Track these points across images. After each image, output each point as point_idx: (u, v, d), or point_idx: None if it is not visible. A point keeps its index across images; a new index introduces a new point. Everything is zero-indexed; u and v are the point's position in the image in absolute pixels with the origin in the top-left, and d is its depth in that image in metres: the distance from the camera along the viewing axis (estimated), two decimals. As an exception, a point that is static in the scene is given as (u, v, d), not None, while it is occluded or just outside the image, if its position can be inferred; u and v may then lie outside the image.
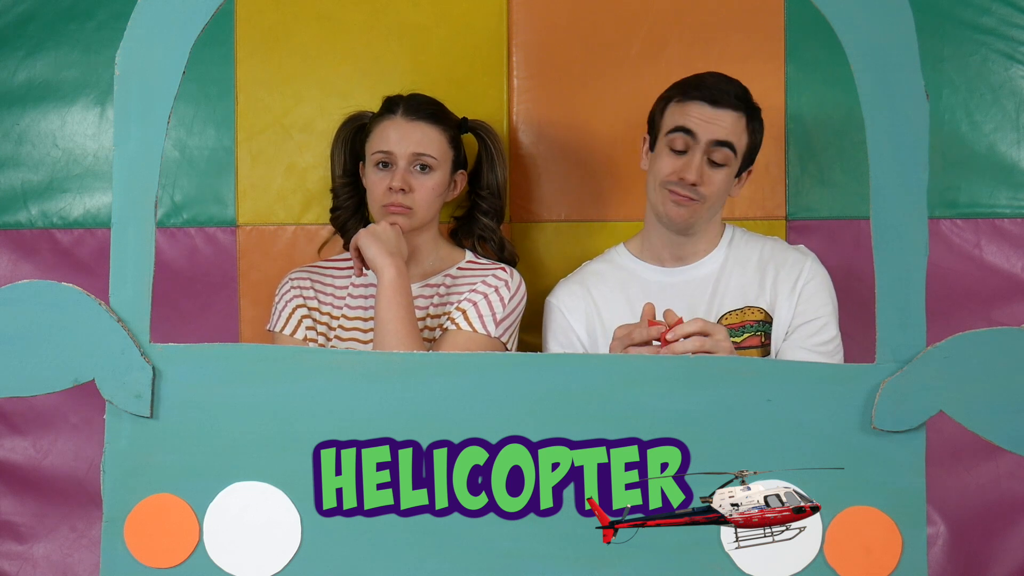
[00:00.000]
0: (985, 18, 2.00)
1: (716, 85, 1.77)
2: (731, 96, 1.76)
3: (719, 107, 1.75)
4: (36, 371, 1.28)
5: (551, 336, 1.87)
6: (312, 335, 1.85)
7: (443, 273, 1.88)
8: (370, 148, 1.85)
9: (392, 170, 1.82)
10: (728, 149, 1.75)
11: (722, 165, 1.76)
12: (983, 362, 1.25)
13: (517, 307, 1.83)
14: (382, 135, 1.83)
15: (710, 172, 1.75)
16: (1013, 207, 2.02)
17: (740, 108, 1.77)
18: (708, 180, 1.75)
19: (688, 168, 1.74)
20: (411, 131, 1.83)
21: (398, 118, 1.84)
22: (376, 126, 1.86)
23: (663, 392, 1.29)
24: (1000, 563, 2.01)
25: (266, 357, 1.32)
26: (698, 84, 1.78)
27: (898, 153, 1.25)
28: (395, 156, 1.82)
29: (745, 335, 1.78)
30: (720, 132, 1.75)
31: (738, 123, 1.76)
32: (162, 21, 1.29)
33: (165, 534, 1.30)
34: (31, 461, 2.10)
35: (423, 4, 2.07)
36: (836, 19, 1.25)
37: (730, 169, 1.77)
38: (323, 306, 1.87)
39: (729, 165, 1.77)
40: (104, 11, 2.07)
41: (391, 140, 1.82)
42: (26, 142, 2.10)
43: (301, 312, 1.86)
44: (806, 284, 1.79)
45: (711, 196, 1.77)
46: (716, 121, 1.75)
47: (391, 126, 1.84)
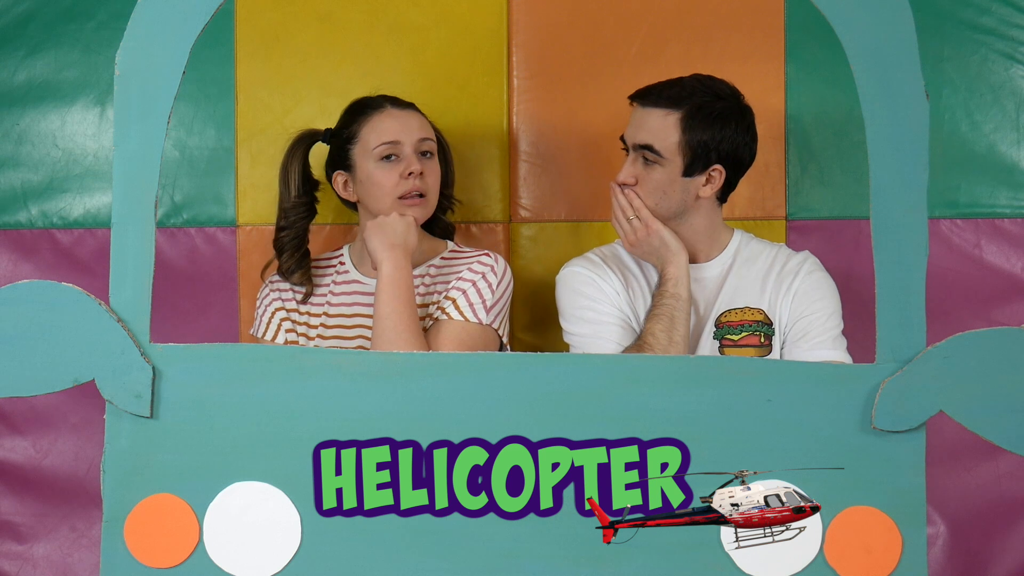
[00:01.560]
0: (985, 18, 2.00)
1: (655, 86, 1.78)
2: (659, 95, 1.76)
3: (646, 106, 1.77)
4: (36, 371, 1.28)
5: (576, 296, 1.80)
6: (292, 338, 1.85)
7: (427, 263, 1.87)
8: (367, 145, 1.82)
9: (401, 159, 1.81)
10: (651, 152, 1.75)
11: (654, 163, 1.77)
12: (983, 362, 1.25)
13: (505, 292, 1.83)
14: (380, 128, 1.82)
15: (643, 172, 1.77)
16: (1013, 207, 2.02)
17: (665, 105, 1.75)
18: (642, 178, 1.77)
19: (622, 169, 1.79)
20: (408, 119, 1.83)
21: (390, 109, 1.84)
22: (364, 125, 1.83)
23: (663, 392, 1.29)
24: (1000, 563, 2.01)
25: (266, 357, 1.32)
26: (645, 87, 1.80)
27: (898, 153, 1.25)
28: (402, 145, 1.81)
29: (744, 334, 1.78)
30: (640, 134, 1.76)
31: (664, 121, 1.75)
32: (162, 21, 1.29)
33: (165, 534, 1.31)
34: (31, 461, 2.10)
35: (423, 4, 2.07)
36: (836, 19, 1.25)
37: (666, 168, 1.76)
38: (301, 306, 1.87)
39: (661, 164, 1.76)
40: (104, 11, 2.07)
41: (395, 129, 1.82)
42: (26, 142, 2.10)
43: (280, 316, 1.86)
44: (802, 282, 1.79)
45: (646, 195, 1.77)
46: (640, 122, 1.76)
47: (388, 117, 1.83)
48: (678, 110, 1.75)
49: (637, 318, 1.79)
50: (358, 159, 1.84)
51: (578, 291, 1.80)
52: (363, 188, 1.84)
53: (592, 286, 1.80)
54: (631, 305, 1.80)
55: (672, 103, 1.75)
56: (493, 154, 2.08)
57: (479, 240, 2.07)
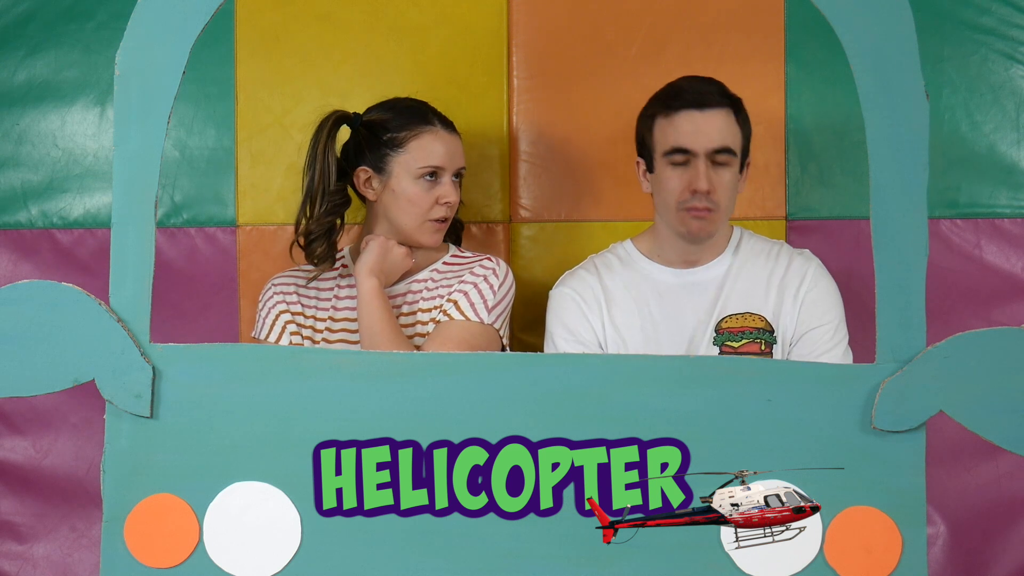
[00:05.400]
0: (985, 18, 2.00)
1: (697, 88, 1.76)
2: (715, 95, 1.75)
3: (707, 109, 1.73)
4: (36, 371, 1.28)
5: (558, 324, 1.83)
6: (297, 340, 1.84)
7: (430, 268, 1.88)
8: (413, 161, 1.80)
9: (439, 184, 1.82)
10: (727, 153, 1.74)
11: (725, 165, 1.75)
12: (983, 362, 1.24)
13: (507, 294, 1.83)
14: (430, 150, 1.81)
15: (717, 177, 1.74)
16: (1013, 207, 2.02)
17: (726, 104, 1.75)
18: (719, 185, 1.74)
19: (697, 179, 1.72)
20: (454, 145, 1.85)
21: (441, 132, 1.84)
22: (414, 139, 1.81)
23: (663, 392, 1.29)
24: (1000, 563, 2.02)
25: (266, 357, 1.33)
26: (678, 93, 1.76)
27: (898, 153, 1.25)
28: (445, 171, 1.83)
29: (744, 341, 1.77)
30: (715, 138, 1.73)
31: (728, 120, 1.75)
32: (162, 21, 1.29)
33: (165, 534, 1.31)
34: (31, 461, 2.10)
35: (423, 4, 2.07)
36: (836, 19, 1.25)
37: (734, 168, 1.76)
38: (307, 309, 1.87)
39: (731, 165, 1.76)
40: (104, 11, 2.07)
41: (442, 156, 1.82)
42: (26, 142, 2.10)
43: (285, 318, 1.85)
44: (808, 292, 1.78)
45: (723, 200, 1.75)
46: (707, 127, 1.73)
47: (439, 141, 1.83)
48: (731, 107, 1.76)
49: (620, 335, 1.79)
50: (396, 168, 1.82)
51: (561, 320, 1.82)
52: (392, 197, 1.83)
53: (575, 313, 1.81)
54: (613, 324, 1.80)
55: (727, 101, 1.76)
56: (493, 154, 2.08)
57: (479, 240, 2.07)
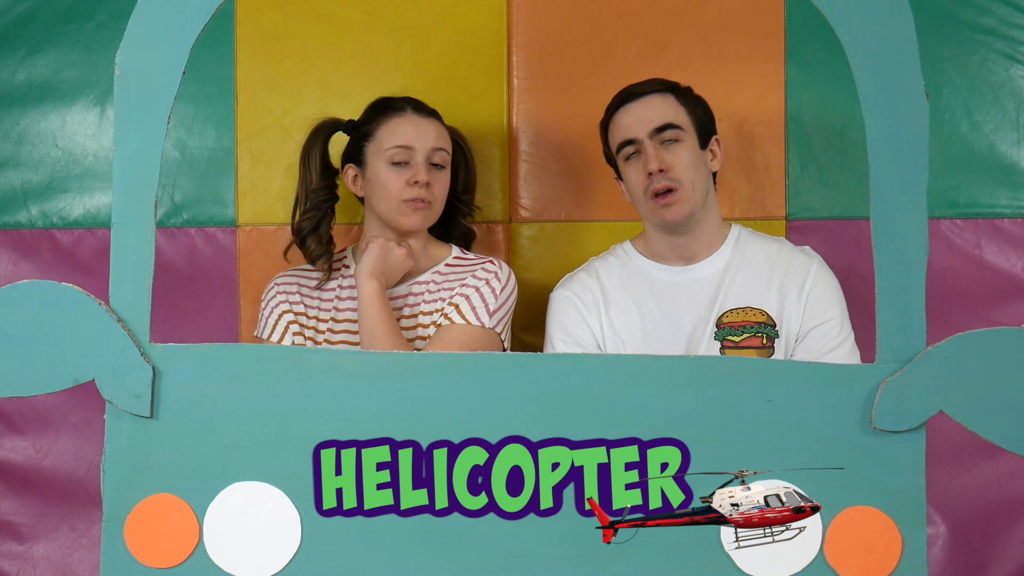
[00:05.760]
0: (985, 18, 2.00)
1: (632, 88, 1.81)
2: (649, 84, 1.79)
3: (641, 97, 1.78)
4: (36, 371, 1.28)
5: (556, 327, 1.84)
6: (300, 340, 1.84)
7: (432, 270, 1.88)
8: (381, 146, 1.83)
9: (410, 166, 1.82)
10: (672, 129, 1.76)
11: (676, 141, 1.77)
12: (983, 362, 1.24)
13: (509, 298, 1.83)
14: (396, 131, 1.83)
15: (670, 155, 1.76)
16: (1013, 207, 2.02)
17: (661, 88, 1.79)
18: (674, 162, 1.75)
19: (648, 162, 1.76)
20: (426, 127, 1.84)
21: (410, 114, 1.84)
22: (382, 125, 1.84)
23: (663, 392, 1.29)
24: (1000, 563, 2.01)
25: (266, 357, 1.32)
26: (617, 97, 1.82)
27: (898, 153, 1.25)
28: (414, 152, 1.82)
29: (744, 335, 1.78)
30: (654, 118, 1.77)
31: (665, 101, 1.78)
32: (162, 21, 1.29)
33: (165, 534, 1.30)
34: (31, 461, 2.10)
35: (423, 4, 2.07)
36: (836, 19, 1.25)
37: (688, 143, 1.77)
38: (310, 309, 1.87)
39: (682, 140, 1.77)
40: (104, 11, 2.07)
41: (409, 136, 1.82)
42: (26, 142, 2.10)
43: (288, 318, 1.86)
44: (812, 288, 1.78)
45: (685, 175, 1.76)
46: (643, 112, 1.77)
47: (405, 122, 1.83)
48: (670, 92, 1.80)
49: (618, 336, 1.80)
50: (370, 157, 1.85)
51: (560, 323, 1.83)
52: (370, 187, 1.85)
53: (573, 315, 1.82)
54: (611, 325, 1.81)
55: (663, 87, 1.80)
56: (493, 154, 2.08)
57: (479, 240, 2.07)
